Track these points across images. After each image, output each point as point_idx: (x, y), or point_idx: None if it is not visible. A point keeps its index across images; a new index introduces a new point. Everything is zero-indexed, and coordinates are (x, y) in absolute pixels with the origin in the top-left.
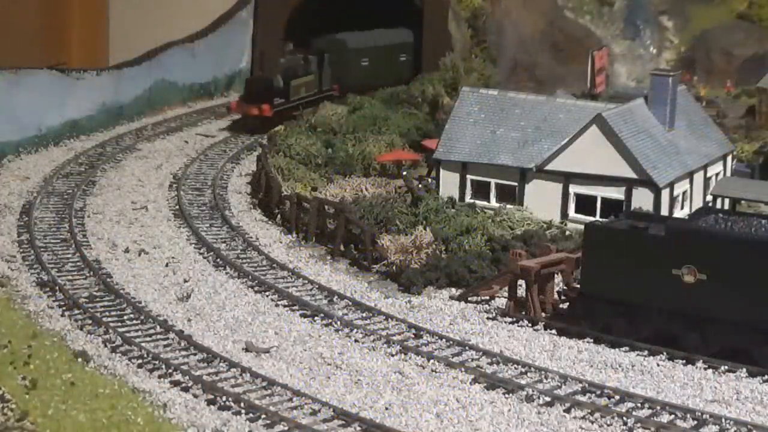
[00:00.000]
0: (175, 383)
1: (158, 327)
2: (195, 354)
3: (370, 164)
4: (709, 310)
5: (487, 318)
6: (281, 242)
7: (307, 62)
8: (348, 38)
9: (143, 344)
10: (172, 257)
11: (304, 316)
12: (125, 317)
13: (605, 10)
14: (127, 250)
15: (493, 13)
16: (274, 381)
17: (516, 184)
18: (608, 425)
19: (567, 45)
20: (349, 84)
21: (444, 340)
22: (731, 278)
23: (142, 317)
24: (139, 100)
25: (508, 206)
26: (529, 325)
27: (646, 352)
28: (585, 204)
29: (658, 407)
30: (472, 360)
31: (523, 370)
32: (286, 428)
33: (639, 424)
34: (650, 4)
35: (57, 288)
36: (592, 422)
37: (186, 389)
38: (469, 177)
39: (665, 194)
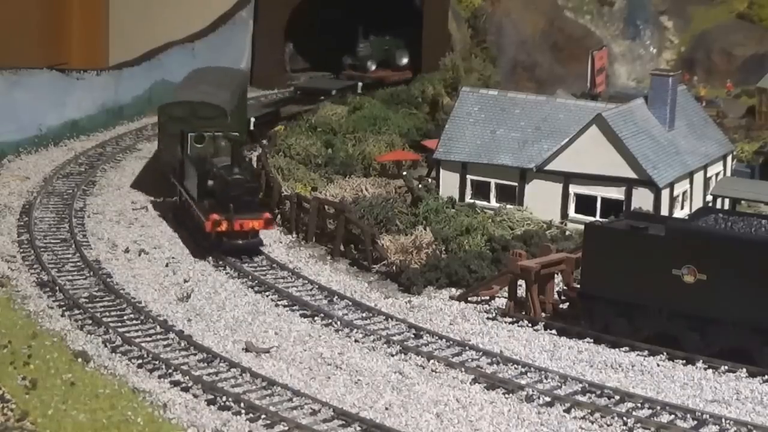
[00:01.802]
0: (175, 383)
1: (158, 327)
2: (195, 354)
3: (370, 164)
4: (709, 310)
5: (487, 318)
6: (281, 242)
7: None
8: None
9: (143, 344)
10: (172, 257)
11: (304, 316)
12: (125, 317)
13: (605, 10)
14: (127, 250)
15: (493, 13)
16: (274, 381)
17: (516, 184)
18: (608, 425)
19: (567, 45)
20: None
21: (444, 340)
22: (731, 278)
23: (142, 317)
24: (139, 100)
25: (508, 206)
26: (529, 325)
27: (646, 352)
28: (585, 204)
29: (658, 407)
30: (472, 360)
31: (523, 370)
32: (286, 428)
33: (639, 424)
34: (650, 4)
35: (57, 288)
36: (592, 422)
37: (186, 389)
38: (469, 177)
39: (665, 194)
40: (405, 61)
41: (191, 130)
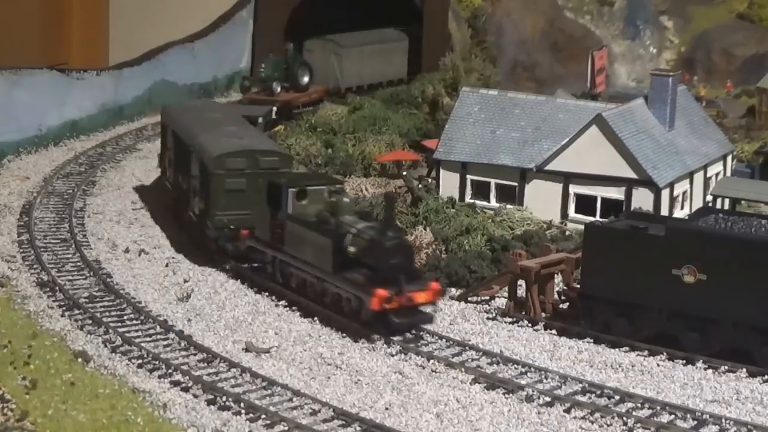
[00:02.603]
0: (175, 383)
1: (158, 327)
2: (195, 354)
3: (370, 164)
4: (709, 310)
5: (487, 318)
6: None
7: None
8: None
9: (143, 344)
10: (172, 257)
11: (304, 316)
12: (125, 317)
13: (605, 10)
14: (127, 250)
15: (493, 13)
16: (274, 381)
17: (516, 184)
18: (608, 425)
19: (567, 45)
20: None
21: (444, 340)
22: (731, 278)
23: (142, 317)
24: (139, 100)
25: (508, 206)
26: (529, 325)
27: (646, 352)
28: (585, 204)
29: (658, 407)
30: (472, 360)
31: (523, 370)
32: (286, 428)
33: (639, 424)
34: (650, 4)
35: (57, 288)
36: (592, 422)
37: (186, 389)
38: (469, 177)
39: (665, 194)
40: (306, 80)
41: (290, 185)
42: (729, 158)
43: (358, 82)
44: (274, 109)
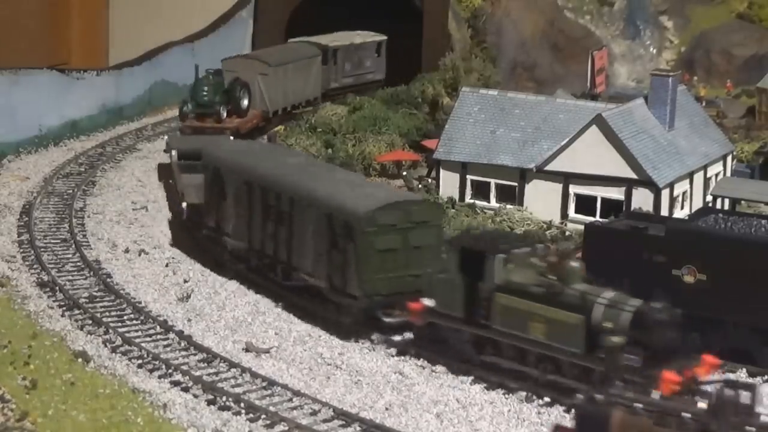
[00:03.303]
0: (175, 383)
1: (158, 327)
2: (195, 354)
3: (370, 164)
4: (709, 310)
5: None
6: None
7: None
8: None
9: (143, 344)
10: (172, 257)
11: (304, 316)
12: (125, 317)
13: (605, 10)
14: (127, 250)
15: (493, 13)
16: (274, 381)
17: (516, 184)
18: None
19: (567, 45)
20: None
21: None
22: (731, 278)
23: (142, 317)
24: (139, 100)
25: (508, 206)
26: None
27: None
28: (585, 204)
29: None
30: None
31: None
32: (286, 428)
33: None
34: (650, 4)
35: (57, 288)
36: None
37: (186, 389)
38: (469, 177)
39: (665, 194)
40: (246, 103)
41: (493, 250)
42: (729, 158)
43: (282, 104)
44: (231, 138)
